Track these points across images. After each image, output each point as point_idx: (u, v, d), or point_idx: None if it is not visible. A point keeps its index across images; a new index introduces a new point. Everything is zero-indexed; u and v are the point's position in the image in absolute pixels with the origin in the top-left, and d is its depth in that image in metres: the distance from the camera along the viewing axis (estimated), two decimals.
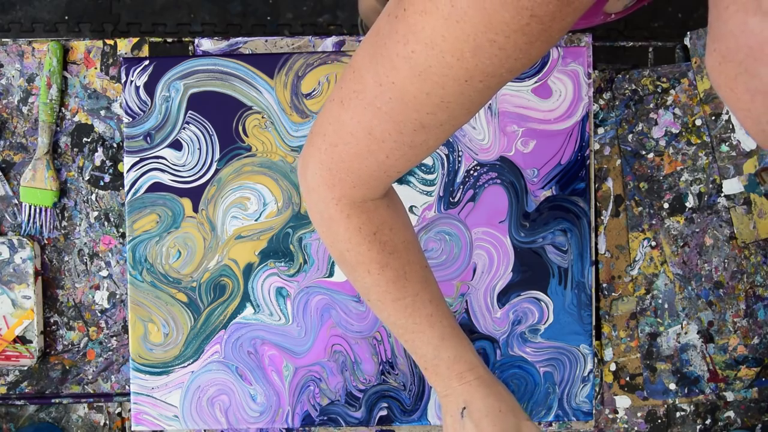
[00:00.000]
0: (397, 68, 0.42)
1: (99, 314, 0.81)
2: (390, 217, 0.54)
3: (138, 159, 0.78)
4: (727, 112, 0.81)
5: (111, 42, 0.81)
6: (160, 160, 0.78)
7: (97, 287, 0.81)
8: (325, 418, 0.79)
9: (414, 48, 0.41)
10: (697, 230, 0.82)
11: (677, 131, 0.82)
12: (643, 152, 0.82)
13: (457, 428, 0.58)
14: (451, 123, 0.46)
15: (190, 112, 0.78)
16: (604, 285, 0.82)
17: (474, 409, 0.57)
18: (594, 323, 0.80)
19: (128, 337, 0.79)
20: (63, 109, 0.81)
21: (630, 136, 0.82)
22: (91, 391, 0.82)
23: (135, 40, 0.81)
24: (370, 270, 0.54)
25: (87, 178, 0.81)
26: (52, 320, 0.81)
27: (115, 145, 0.81)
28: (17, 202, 0.81)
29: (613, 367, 0.82)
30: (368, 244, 0.53)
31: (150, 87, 0.78)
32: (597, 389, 0.82)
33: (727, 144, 0.81)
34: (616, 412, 0.83)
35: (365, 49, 0.45)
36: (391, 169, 0.50)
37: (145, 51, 0.81)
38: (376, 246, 0.53)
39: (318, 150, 0.50)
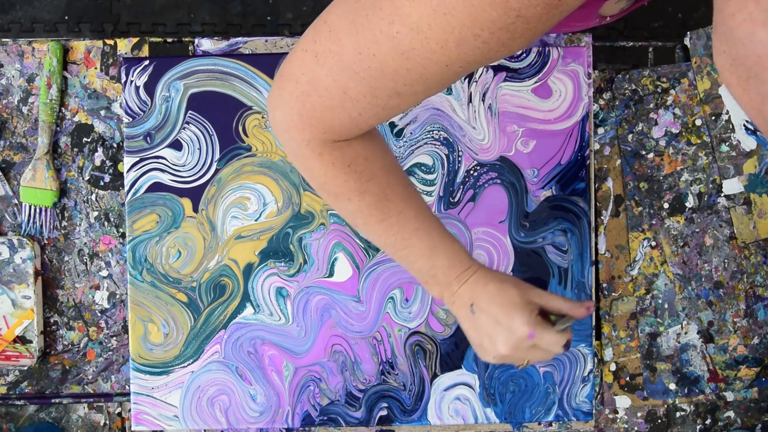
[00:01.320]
0: (380, 43, 0.43)
1: (99, 314, 0.81)
2: (363, 148, 0.55)
3: (138, 159, 0.78)
4: (727, 112, 0.81)
5: (111, 42, 0.81)
6: (160, 160, 0.78)
7: (97, 287, 0.81)
8: (325, 418, 0.79)
9: (399, 30, 0.42)
10: (697, 230, 0.82)
11: (677, 131, 0.82)
12: (643, 152, 0.82)
13: (473, 326, 0.59)
14: (426, 93, 0.47)
15: (190, 112, 0.78)
16: (604, 285, 0.82)
17: (480, 300, 0.58)
18: (594, 323, 0.80)
19: (128, 337, 0.79)
20: (63, 109, 0.81)
21: (630, 136, 0.82)
22: (91, 391, 0.82)
23: (135, 40, 0.81)
24: (351, 198, 0.55)
25: (87, 178, 0.81)
26: (52, 320, 0.81)
27: (115, 145, 0.81)
28: (17, 202, 0.81)
29: (613, 367, 0.82)
30: (344, 176, 0.54)
31: (150, 87, 0.78)
32: (597, 389, 0.82)
33: (727, 144, 0.81)
34: (616, 412, 0.83)
35: (343, 11, 0.46)
36: (363, 123, 0.50)
37: (145, 51, 0.81)
38: (353, 176, 0.54)
39: (290, 95, 0.51)
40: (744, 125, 0.81)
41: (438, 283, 0.59)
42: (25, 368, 0.81)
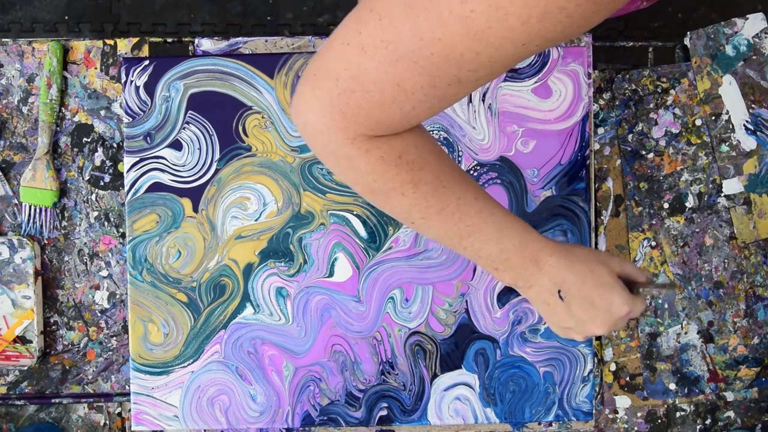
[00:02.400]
0: (447, 25, 0.40)
1: (99, 314, 0.81)
2: (412, 136, 0.51)
3: (138, 159, 0.78)
4: (727, 112, 0.81)
5: (111, 42, 0.81)
6: (160, 160, 0.78)
7: (97, 287, 0.81)
8: (325, 418, 0.79)
9: (474, 8, 0.38)
10: (697, 230, 0.82)
11: (677, 131, 0.82)
12: (643, 152, 0.82)
13: (560, 311, 0.56)
14: (487, 79, 0.44)
15: (190, 112, 0.78)
16: None
17: (569, 284, 0.55)
18: None
19: (128, 337, 0.79)
20: (63, 109, 0.81)
21: (630, 136, 0.82)
22: (91, 391, 0.82)
23: (135, 40, 0.81)
24: (405, 192, 0.51)
25: (87, 178, 0.81)
26: (52, 320, 0.81)
27: (115, 145, 0.81)
28: (17, 202, 0.81)
29: (613, 367, 0.82)
30: (396, 169, 0.50)
31: (150, 87, 0.78)
32: (597, 389, 0.82)
33: (727, 144, 0.81)
34: (616, 412, 0.83)
35: None
36: (415, 118, 0.47)
37: (145, 51, 0.81)
38: (405, 167, 0.50)
39: (329, 94, 0.46)
40: (744, 125, 0.81)
41: (512, 267, 0.55)
42: (25, 368, 0.81)
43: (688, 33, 0.82)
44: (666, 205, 0.82)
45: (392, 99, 0.45)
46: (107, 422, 0.82)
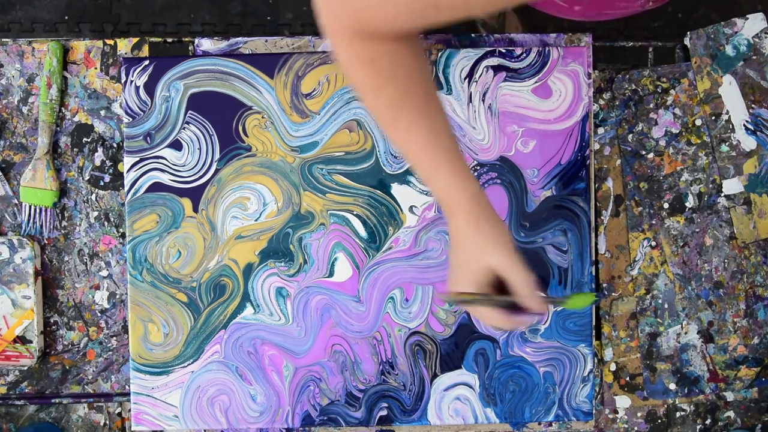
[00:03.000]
0: None
1: (99, 314, 0.81)
2: (394, 47, 0.54)
3: (138, 159, 0.78)
4: (727, 112, 0.81)
5: (111, 42, 0.81)
6: (160, 160, 0.78)
7: (97, 287, 0.81)
8: (325, 418, 0.79)
9: None
10: (697, 230, 0.82)
11: (677, 131, 0.82)
12: (643, 152, 0.82)
13: (449, 259, 0.61)
14: (463, 5, 0.47)
15: (190, 112, 0.78)
16: (604, 285, 0.82)
17: (455, 243, 0.59)
18: (594, 323, 0.80)
19: (128, 337, 0.79)
20: (63, 109, 0.81)
21: (630, 136, 0.82)
22: (91, 391, 0.82)
23: (135, 40, 0.81)
24: (365, 94, 0.56)
25: (87, 178, 0.81)
26: (52, 320, 0.81)
27: (115, 145, 0.81)
28: (17, 202, 0.81)
29: (613, 367, 0.82)
30: (365, 71, 0.54)
31: (150, 87, 0.78)
32: (597, 389, 0.82)
33: (727, 144, 0.81)
34: (616, 412, 0.83)
35: None
36: (399, 24, 0.50)
37: (145, 51, 0.81)
38: (373, 73, 0.54)
39: None
40: (744, 125, 0.81)
41: (438, 200, 0.60)
42: (25, 368, 0.81)
43: (688, 33, 0.82)
44: (666, 205, 0.82)
45: (377, 3, 0.48)
46: (107, 422, 0.82)
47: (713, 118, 0.81)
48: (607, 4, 0.59)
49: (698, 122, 0.82)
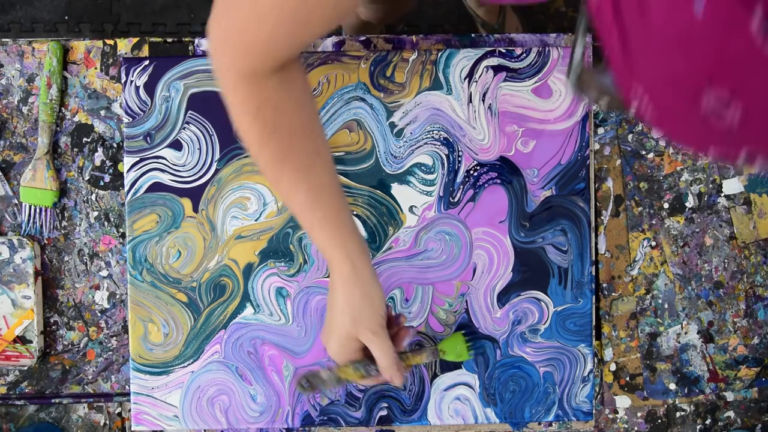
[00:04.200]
0: None
1: (99, 314, 0.81)
2: (277, 95, 0.54)
3: (138, 159, 0.78)
4: None
5: (111, 42, 0.81)
6: (160, 160, 0.78)
7: (97, 287, 0.81)
8: (325, 418, 0.79)
9: None
10: (697, 230, 0.82)
11: None
12: (643, 152, 0.82)
13: (327, 307, 0.63)
14: (331, 4, 0.47)
15: (190, 112, 0.78)
16: (604, 285, 0.82)
17: (330, 297, 0.61)
18: (594, 323, 0.80)
19: (128, 337, 0.79)
20: (63, 109, 0.81)
21: (630, 136, 0.82)
22: (91, 391, 0.82)
23: (135, 40, 0.81)
24: (251, 145, 0.56)
25: (87, 178, 0.81)
26: (52, 320, 0.81)
27: (115, 145, 0.81)
28: (17, 202, 0.81)
29: (613, 367, 0.82)
30: (250, 120, 0.54)
31: (150, 87, 0.78)
32: (597, 389, 0.82)
33: None
34: (616, 412, 0.83)
35: None
36: (279, 42, 0.50)
37: (145, 51, 0.81)
38: (258, 124, 0.54)
39: (218, 12, 0.51)
40: None
41: (323, 255, 0.62)
42: (25, 368, 0.81)
43: None
44: (666, 205, 0.82)
45: (255, 17, 0.49)
46: (107, 422, 0.82)
47: None
48: None
49: None
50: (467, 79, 0.78)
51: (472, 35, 0.81)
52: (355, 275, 0.60)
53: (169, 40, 0.81)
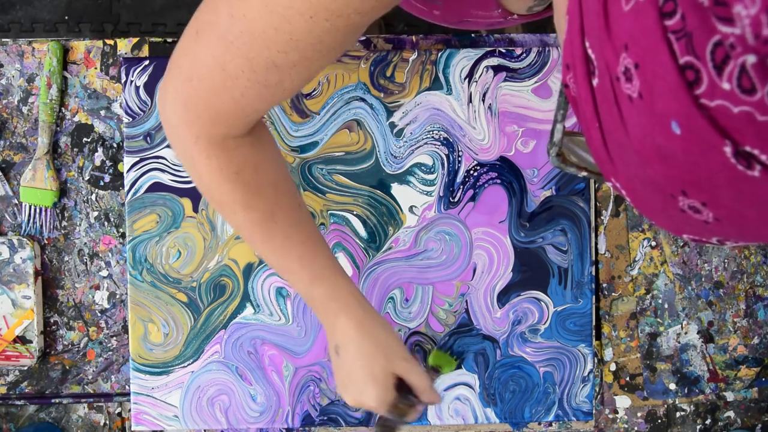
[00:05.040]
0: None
1: (99, 314, 0.81)
2: (254, 156, 0.53)
3: (138, 159, 0.78)
4: None
5: (111, 42, 0.81)
6: (160, 160, 0.78)
7: (97, 287, 0.81)
8: (325, 418, 0.79)
9: None
10: None
11: None
12: None
13: (333, 363, 0.60)
14: (305, 65, 0.44)
15: None
16: (604, 285, 0.82)
17: (344, 351, 0.58)
18: (594, 323, 0.80)
19: (128, 337, 0.79)
20: (63, 109, 0.81)
21: None
22: (91, 391, 0.82)
23: (135, 40, 0.81)
24: (236, 211, 0.53)
25: (87, 178, 0.81)
26: (52, 320, 0.81)
27: (115, 145, 0.81)
28: (17, 202, 0.81)
29: (613, 367, 0.82)
30: (231, 185, 0.52)
31: (150, 87, 0.78)
32: (597, 389, 0.82)
33: None
34: (616, 412, 0.83)
35: None
36: (248, 107, 0.48)
37: (145, 51, 0.81)
38: (240, 187, 0.52)
39: (173, 85, 0.48)
40: None
41: (315, 309, 0.59)
42: (25, 368, 0.81)
43: None
44: None
45: (222, 85, 0.46)
46: (107, 422, 0.82)
47: None
48: (464, 13, 0.58)
49: None
50: (467, 79, 0.78)
51: (472, 35, 0.81)
52: (368, 314, 0.58)
53: (169, 40, 0.81)
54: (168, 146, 0.78)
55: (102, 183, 0.81)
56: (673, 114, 0.23)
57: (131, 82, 0.78)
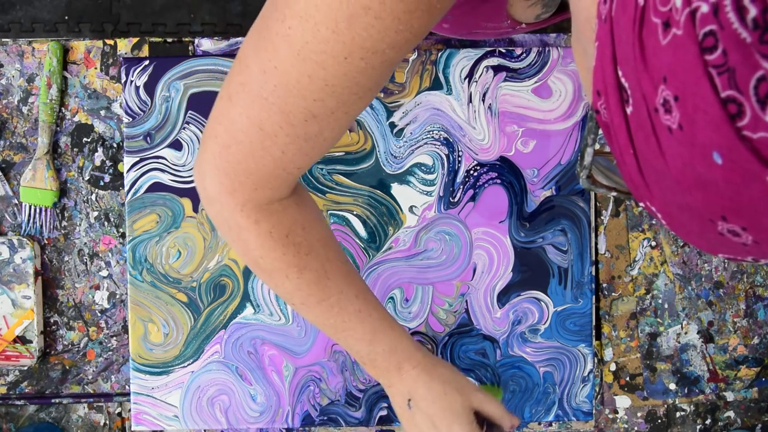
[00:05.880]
0: (278, 49, 0.40)
1: (99, 314, 0.81)
2: (301, 216, 0.52)
3: (138, 159, 0.78)
4: None
5: (111, 42, 0.81)
6: (160, 160, 0.78)
7: (97, 287, 0.81)
8: (325, 418, 0.79)
9: (291, 24, 0.39)
10: None
11: None
12: None
13: (408, 419, 0.58)
14: (343, 110, 0.43)
15: (190, 112, 0.78)
16: (604, 285, 0.82)
17: (419, 398, 0.57)
18: (594, 323, 0.80)
19: (128, 337, 0.79)
20: (63, 109, 0.81)
21: None
22: (91, 391, 0.82)
23: (135, 40, 0.81)
24: (289, 275, 0.52)
25: (87, 178, 0.81)
26: (52, 320, 0.81)
27: (115, 145, 0.81)
28: (17, 202, 0.81)
29: (613, 367, 0.82)
30: (282, 248, 0.51)
31: (150, 87, 0.78)
32: (597, 389, 0.82)
33: None
34: (616, 412, 0.83)
35: (251, 36, 0.43)
36: (290, 165, 0.47)
37: (145, 51, 0.81)
38: (291, 249, 0.51)
39: (212, 154, 0.47)
40: None
41: (376, 367, 0.57)
42: (25, 368, 0.81)
43: None
44: None
45: (260, 146, 0.45)
46: (107, 422, 0.82)
47: None
48: (474, 25, 0.58)
49: None
50: (467, 79, 0.78)
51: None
52: (429, 357, 0.58)
53: (169, 40, 0.81)
54: (168, 146, 0.78)
55: (102, 183, 0.81)
56: (714, 145, 0.23)
57: (131, 82, 0.78)
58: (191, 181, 0.78)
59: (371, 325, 0.56)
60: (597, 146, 0.37)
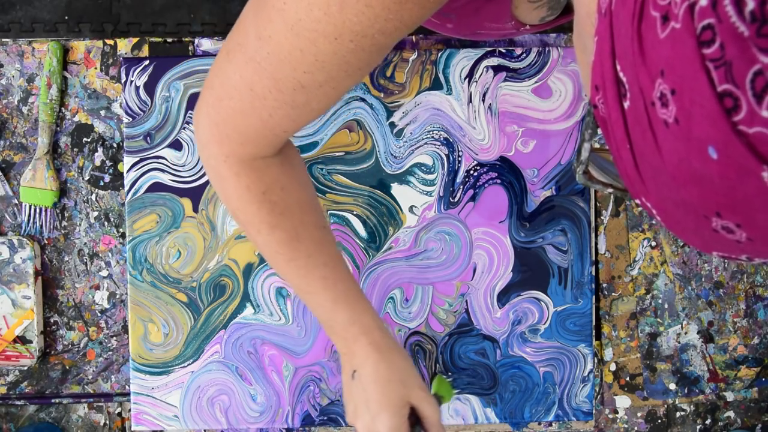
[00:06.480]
0: (273, 21, 0.42)
1: (99, 314, 0.81)
2: (283, 176, 0.53)
3: (138, 159, 0.78)
4: None
5: (111, 42, 0.81)
6: (160, 160, 0.78)
7: (97, 287, 0.81)
8: (325, 418, 0.79)
9: (286, 0, 0.41)
10: None
11: None
12: None
13: (347, 388, 0.59)
14: (331, 85, 0.45)
15: (190, 112, 0.78)
16: (604, 285, 0.82)
17: (364, 374, 0.57)
18: (594, 323, 0.80)
19: (128, 337, 0.79)
20: (63, 109, 0.81)
21: None
22: (91, 391, 0.82)
23: (135, 40, 0.81)
24: (261, 230, 0.54)
25: (87, 178, 0.81)
26: (52, 320, 0.81)
27: (115, 145, 0.81)
28: (17, 202, 0.81)
29: (613, 367, 0.82)
30: (258, 204, 0.52)
31: (150, 87, 0.78)
32: (597, 389, 0.82)
33: None
34: (616, 412, 0.83)
35: (252, 1, 0.45)
36: (277, 127, 0.48)
37: (145, 51, 0.81)
38: (266, 206, 0.53)
39: (206, 104, 0.49)
40: None
41: (335, 333, 0.58)
42: (25, 368, 0.81)
43: None
44: None
45: (250, 105, 0.47)
46: (107, 422, 0.82)
47: None
48: (478, 25, 0.58)
49: None
50: (467, 79, 0.78)
51: None
52: (387, 340, 0.58)
53: (169, 40, 0.81)
54: (168, 146, 0.78)
55: (102, 183, 0.81)
56: (710, 140, 0.23)
57: (131, 82, 0.78)
58: (191, 181, 0.78)
59: (334, 294, 0.57)
60: (596, 144, 0.37)
